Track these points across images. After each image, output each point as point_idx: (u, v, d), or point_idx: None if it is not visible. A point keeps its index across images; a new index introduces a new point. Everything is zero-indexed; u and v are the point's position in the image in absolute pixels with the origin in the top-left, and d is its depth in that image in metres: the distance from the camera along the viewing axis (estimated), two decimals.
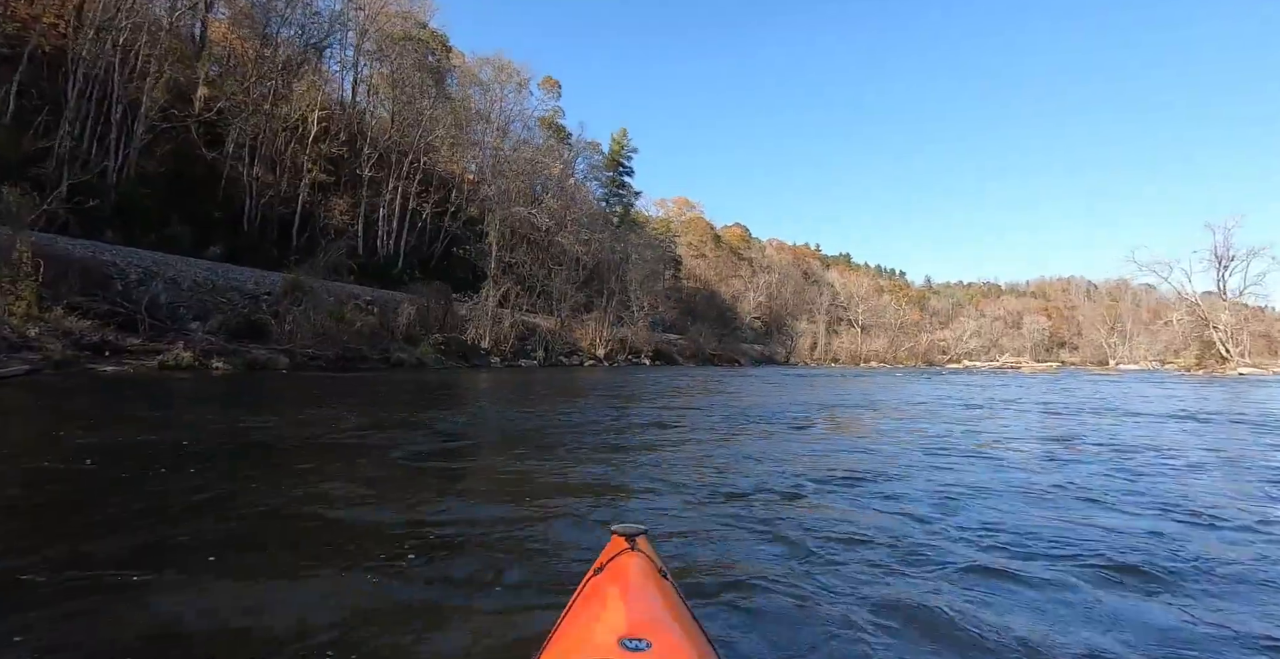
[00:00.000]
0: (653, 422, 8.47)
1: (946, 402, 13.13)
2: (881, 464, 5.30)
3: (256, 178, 29.39)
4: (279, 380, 14.84)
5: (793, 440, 6.98)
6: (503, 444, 6.44)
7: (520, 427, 7.72)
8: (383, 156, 33.77)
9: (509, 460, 5.34)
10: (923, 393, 16.29)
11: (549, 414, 9.22)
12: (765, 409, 10.59)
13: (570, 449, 5.92)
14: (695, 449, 6.10)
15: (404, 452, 5.53)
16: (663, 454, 5.77)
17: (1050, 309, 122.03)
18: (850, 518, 3.55)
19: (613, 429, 7.59)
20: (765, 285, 70.93)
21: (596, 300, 38.03)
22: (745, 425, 8.11)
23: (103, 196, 25.04)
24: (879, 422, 9.17)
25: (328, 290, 19.92)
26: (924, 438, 7.07)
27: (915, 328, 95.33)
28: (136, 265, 19.13)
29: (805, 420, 8.96)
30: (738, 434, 7.30)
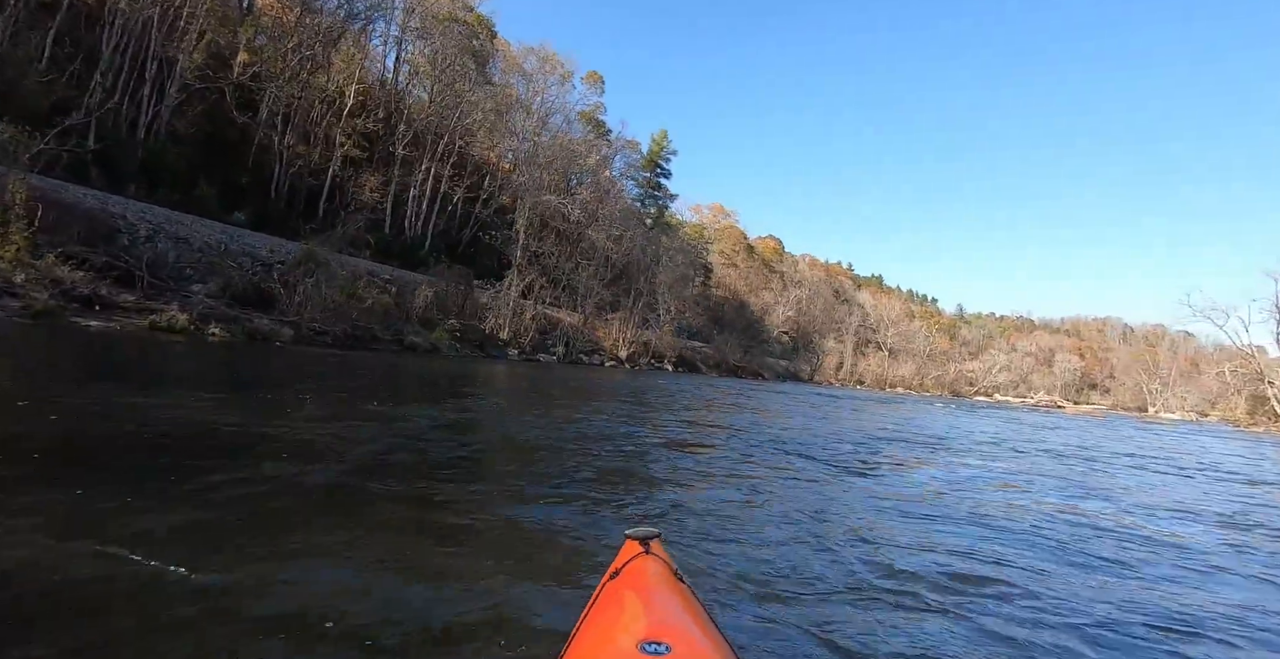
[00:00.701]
0: (680, 443, 6.99)
1: (1022, 445, 11.35)
2: (1038, 571, 3.33)
3: (289, 147, 28.48)
4: (276, 354, 13.60)
5: (866, 493, 5.35)
6: (494, 466, 4.99)
7: (523, 437, 6.28)
8: (418, 136, 32.74)
9: (498, 495, 3.88)
10: (982, 429, 14.52)
11: (561, 422, 7.78)
12: (811, 438, 9.01)
13: (580, 480, 4.45)
14: (736, 494, 4.60)
15: (356, 467, 4.09)
16: (695, 496, 4.30)
17: (1084, 348, 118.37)
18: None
19: (634, 451, 6.14)
20: (796, 300, 68.96)
21: (623, 300, 36.56)
22: (793, 461, 6.56)
23: (129, 152, 24.30)
24: (961, 470, 7.45)
25: (342, 264, 18.71)
26: (1055, 508, 5.31)
27: (944, 356, 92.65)
28: (148, 221, 18.10)
29: (868, 459, 7.31)
30: (786, 474, 5.76)
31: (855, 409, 17.53)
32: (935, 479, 5.99)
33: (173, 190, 24.50)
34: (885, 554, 3.24)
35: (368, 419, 5.95)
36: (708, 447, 6.55)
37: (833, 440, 8.46)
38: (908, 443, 9.33)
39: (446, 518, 3.15)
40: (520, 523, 3.21)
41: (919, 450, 8.50)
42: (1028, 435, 13.88)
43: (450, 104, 33.72)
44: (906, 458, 7.49)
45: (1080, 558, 3.57)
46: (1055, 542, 3.88)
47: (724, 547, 3.09)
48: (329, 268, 17.90)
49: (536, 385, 14.31)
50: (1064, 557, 3.57)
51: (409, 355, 18.69)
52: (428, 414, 6.76)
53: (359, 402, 7.23)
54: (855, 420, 13.13)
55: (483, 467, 4.55)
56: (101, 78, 23.60)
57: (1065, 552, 3.68)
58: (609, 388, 15.90)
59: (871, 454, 7.50)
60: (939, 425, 13.91)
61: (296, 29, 28.42)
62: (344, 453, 4.24)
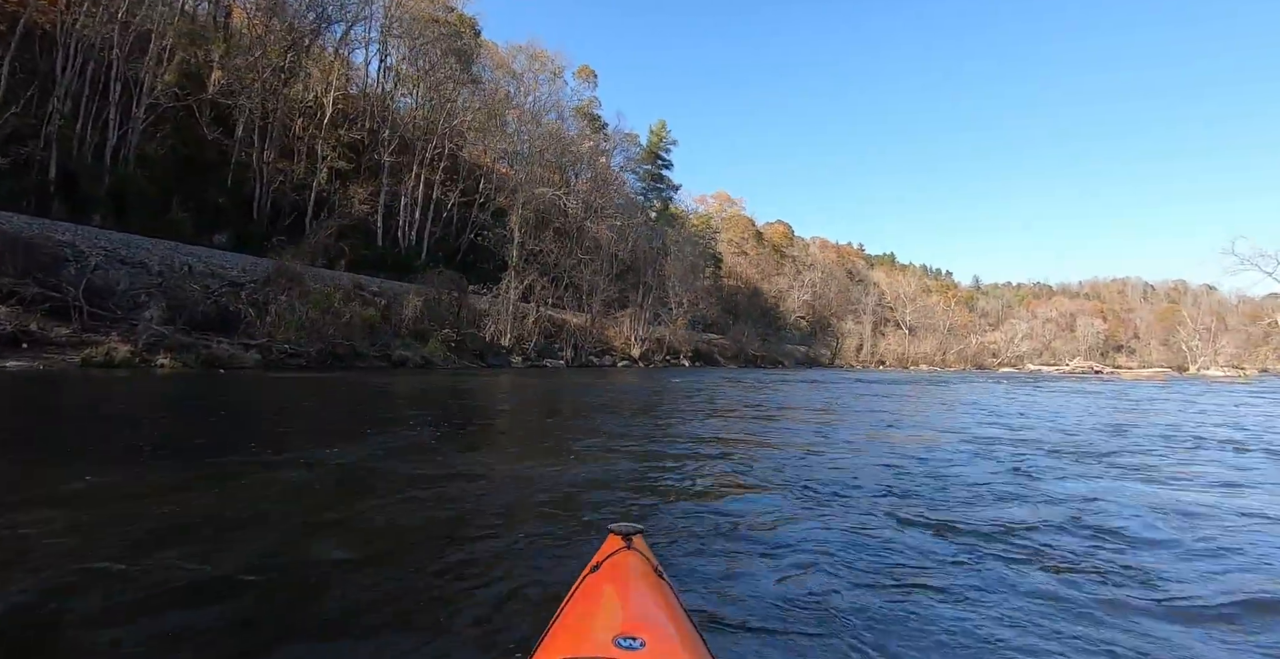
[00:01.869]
0: (725, 483, 4.74)
1: (1202, 433, 8.59)
2: None
3: (268, 163, 26.59)
4: (229, 384, 11.57)
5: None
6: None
7: (493, 504, 4.05)
8: (405, 142, 30.75)
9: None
10: (1092, 412, 11.85)
11: (560, 453, 5.57)
12: (883, 450, 6.64)
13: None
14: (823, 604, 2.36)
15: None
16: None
17: (1105, 311, 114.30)
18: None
19: (655, 502, 3.88)
20: (810, 284, 66.22)
21: (631, 296, 34.24)
22: (888, 504, 4.25)
23: (95, 179, 22.53)
24: (1123, 487, 5.07)
25: (319, 278, 16.70)
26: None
27: (964, 330, 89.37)
28: (102, 247, 16.24)
29: (990, 494, 4.86)
30: (886, 536, 3.46)
31: (907, 397, 15.06)
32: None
33: (143, 216, 22.72)
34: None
35: (226, 479, 3.81)
36: (802, 517, 4.31)
37: (949, 461, 5.99)
38: (1052, 450, 6.74)
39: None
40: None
41: (1095, 464, 5.94)
42: (1168, 415, 11.31)
43: (437, 106, 31.70)
44: (1121, 484, 5.06)
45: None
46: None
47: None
48: (303, 283, 15.86)
49: (536, 399, 12.15)
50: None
51: (397, 372, 16.64)
52: (328, 476, 4.60)
53: (285, 441, 5.12)
54: (932, 414, 10.75)
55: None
56: (59, 104, 21.82)
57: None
58: (620, 394, 13.70)
59: (1041, 480, 5.12)
60: (1037, 412, 11.39)
61: (265, 37, 26.49)
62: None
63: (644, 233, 38.56)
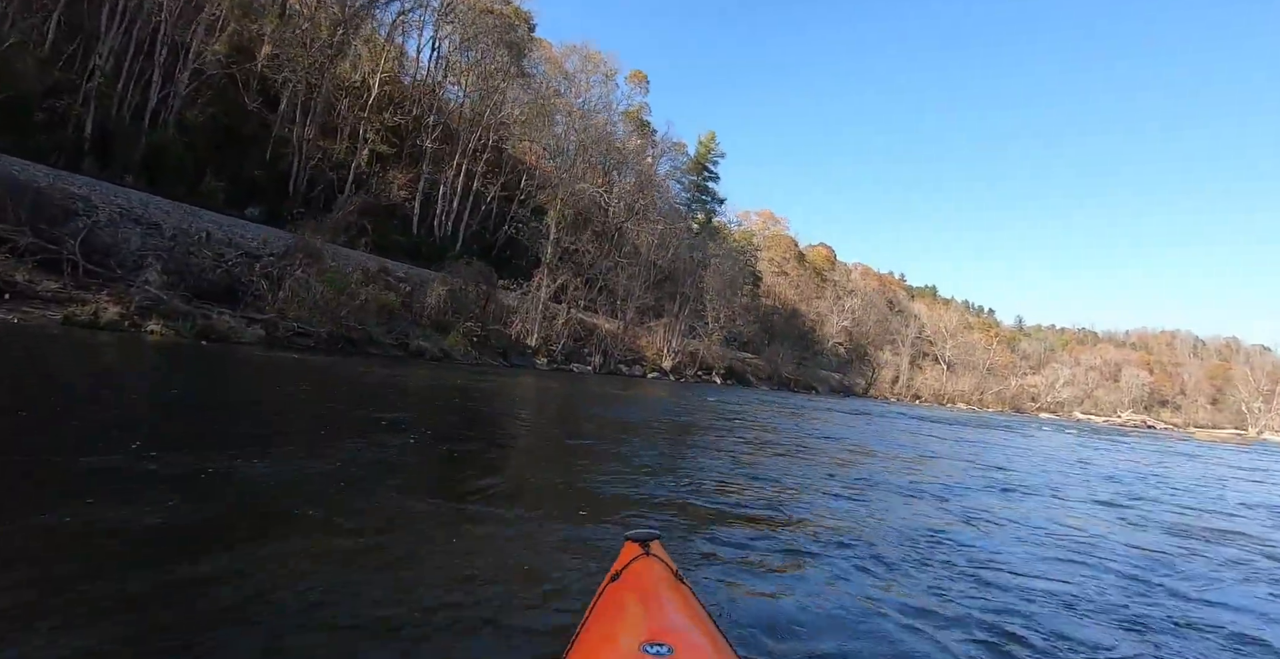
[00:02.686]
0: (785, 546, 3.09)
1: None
2: None
3: (308, 139, 25.71)
4: (216, 357, 10.22)
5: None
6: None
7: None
8: (449, 130, 29.74)
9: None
10: (1200, 476, 9.93)
11: (571, 499, 4.01)
12: (1045, 535, 4.88)
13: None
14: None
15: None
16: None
17: (1152, 363, 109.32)
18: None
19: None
20: (851, 310, 63.85)
21: (667, 305, 32.58)
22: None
23: (131, 141, 21.77)
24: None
25: (338, 256, 15.42)
26: None
27: (1004, 370, 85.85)
28: (117, 205, 15.19)
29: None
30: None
31: (992, 443, 13.12)
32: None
33: (177, 183, 21.89)
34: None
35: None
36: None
37: (1163, 564, 4.24)
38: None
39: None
40: None
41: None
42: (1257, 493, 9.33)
43: (485, 97, 30.68)
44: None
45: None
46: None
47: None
48: (321, 259, 14.59)
49: (555, 410, 10.62)
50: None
51: (413, 363, 15.23)
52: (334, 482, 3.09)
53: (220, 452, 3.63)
54: (1051, 474, 8.95)
55: None
56: (101, 60, 21.14)
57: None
58: (653, 413, 12.07)
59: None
60: (1178, 482, 9.44)
61: (317, 12, 25.74)
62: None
63: (686, 241, 36.91)
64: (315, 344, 13.86)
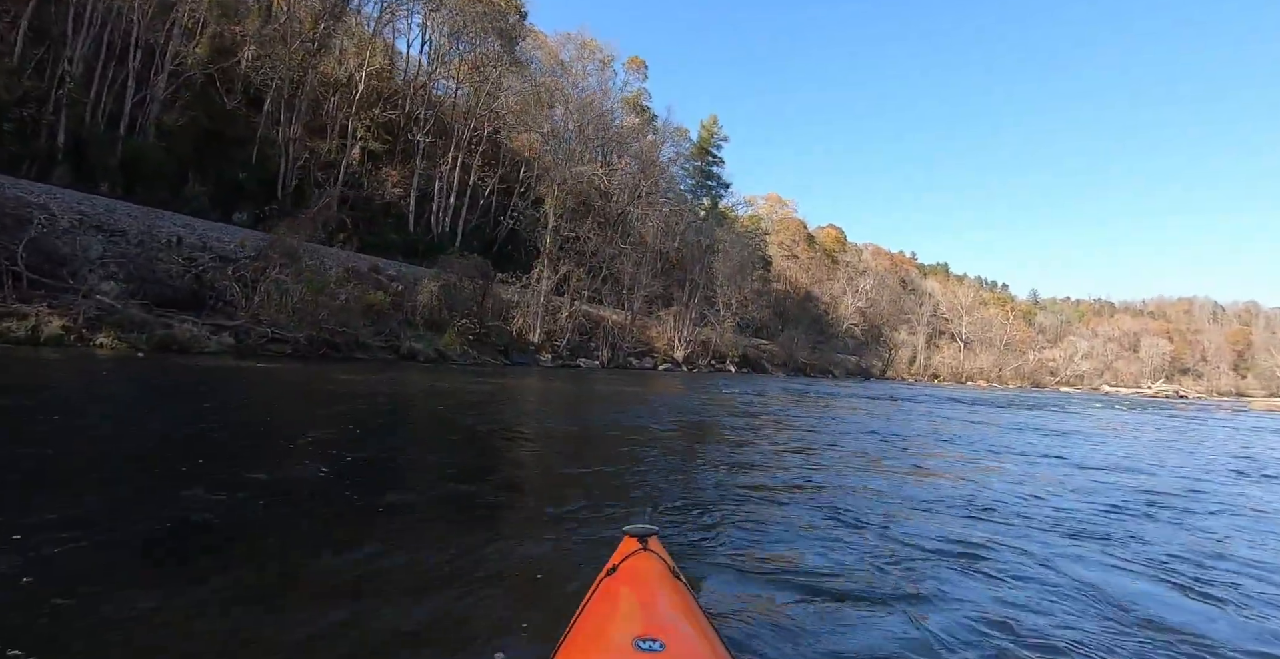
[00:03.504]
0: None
1: None
2: None
3: (294, 138, 24.45)
4: (166, 372, 8.96)
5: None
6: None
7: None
8: (442, 123, 28.38)
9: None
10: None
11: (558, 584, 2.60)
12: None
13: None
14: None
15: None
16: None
17: (1171, 331, 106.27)
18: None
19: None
20: (865, 291, 61.92)
21: (676, 293, 31.09)
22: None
23: (106, 148, 20.63)
24: None
25: (317, 255, 14.13)
26: None
27: (1021, 345, 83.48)
28: (80, 212, 14.03)
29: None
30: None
31: (1046, 428, 11.54)
32: None
33: (157, 189, 20.76)
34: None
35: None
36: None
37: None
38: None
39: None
40: None
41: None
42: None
43: (478, 87, 29.26)
44: None
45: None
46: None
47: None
48: (298, 259, 13.30)
49: (555, 419, 9.25)
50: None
51: (403, 367, 13.96)
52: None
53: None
54: (1139, 456, 7.49)
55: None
56: (69, 66, 19.96)
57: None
58: (669, 412, 10.68)
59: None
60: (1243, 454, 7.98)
61: (295, 5, 24.40)
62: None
63: (693, 226, 35.28)
64: (293, 350, 12.61)
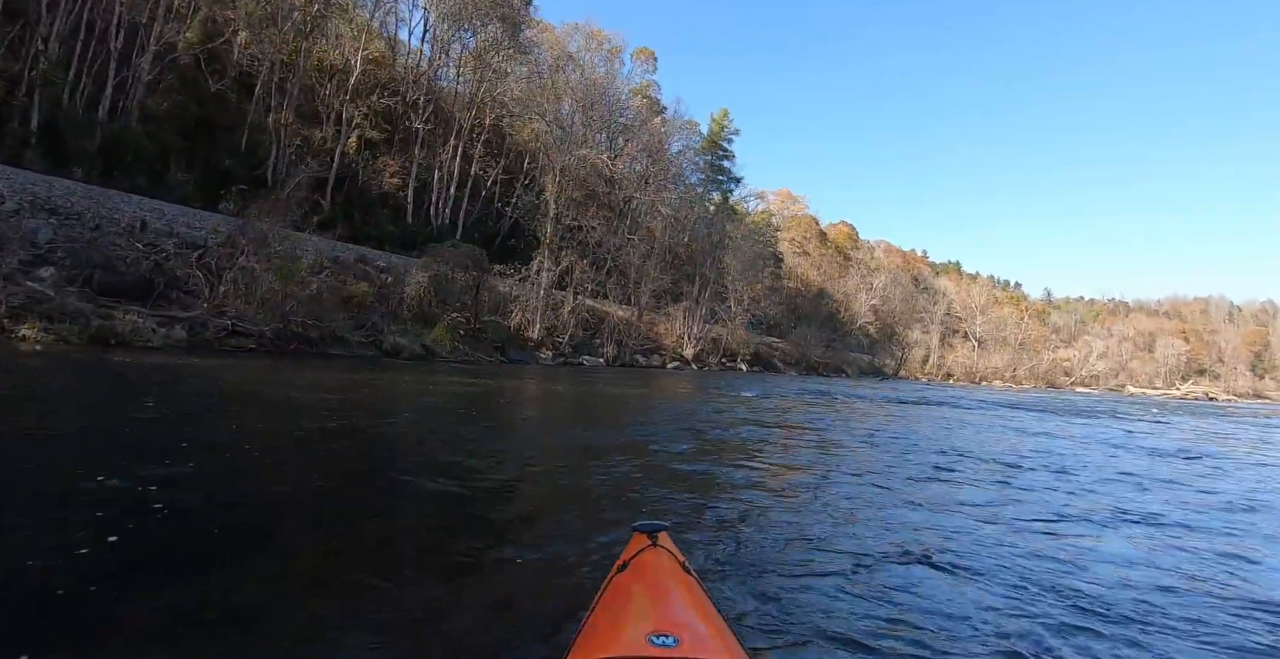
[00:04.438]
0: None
1: None
2: None
3: (286, 125, 23.08)
4: (80, 369, 7.52)
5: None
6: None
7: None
8: (442, 110, 26.92)
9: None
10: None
11: None
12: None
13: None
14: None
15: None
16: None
17: (1187, 331, 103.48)
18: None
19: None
20: (879, 288, 59.99)
21: (686, 288, 29.44)
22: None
23: (84, 133, 19.31)
24: None
25: (293, 241, 12.67)
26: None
27: (1036, 345, 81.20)
28: (33, 194, 12.67)
29: None
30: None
31: (1137, 448, 9.83)
32: None
33: (138, 176, 19.44)
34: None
35: None
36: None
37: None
38: None
39: None
40: None
41: None
42: None
43: (479, 72, 27.77)
44: None
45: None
46: None
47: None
48: (268, 245, 11.85)
49: (546, 434, 7.74)
50: None
51: (384, 364, 12.50)
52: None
53: None
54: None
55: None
56: (44, 45, 18.65)
57: None
58: (683, 420, 9.16)
59: None
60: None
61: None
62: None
63: (703, 219, 33.55)
64: (258, 345, 11.16)
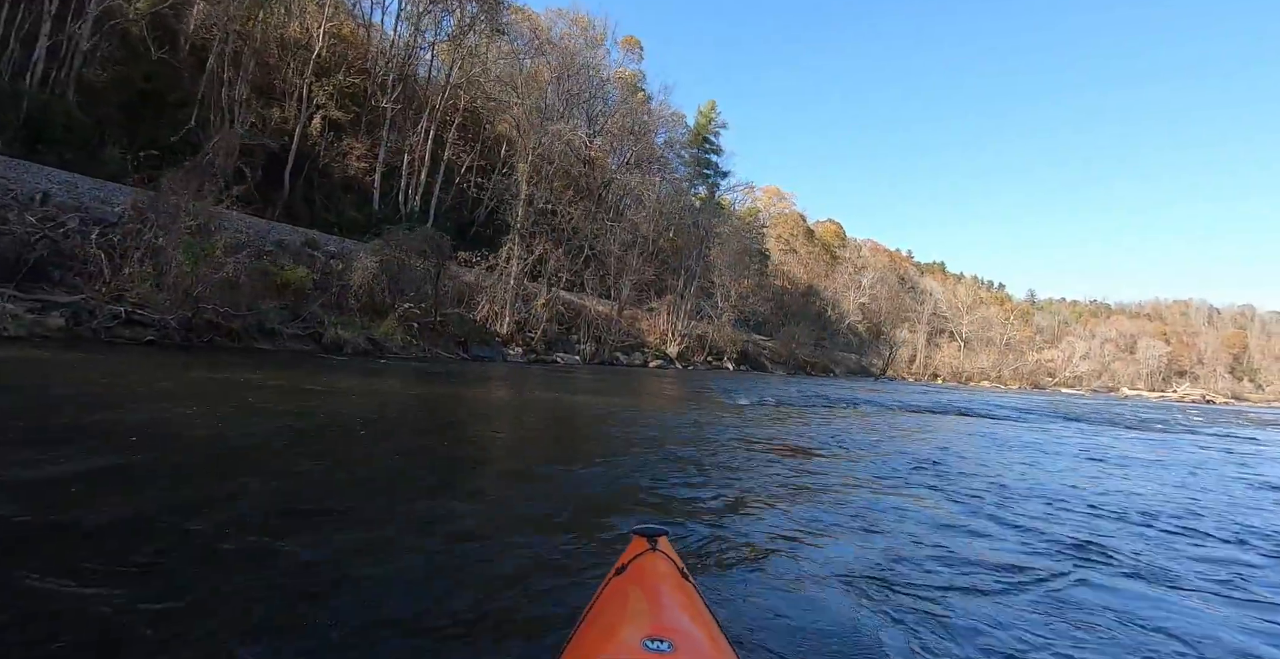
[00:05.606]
0: None
1: None
2: None
3: (240, 102, 21.12)
4: None
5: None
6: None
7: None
8: (412, 89, 25.03)
9: None
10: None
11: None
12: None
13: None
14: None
15: None
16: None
17: (1168, 333, 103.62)
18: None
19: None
20: (869, 286, 58.67)
21: (670, 282, 27.70)
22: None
23: (7, 102, 17.28)
24: None
25: (211, 217, 10.83)
26: None
27: (1021, 345, 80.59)
28: None
29: None
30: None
31: (1121, 455, 8.34)
32: None
33: (68, 151, 17.45)
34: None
35: None
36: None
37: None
38: None
39: None
40: None
41: None
42: None
43: (452, 50, 25.88)
44: None
45: None
46: None
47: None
48: (176, 220, 10.01)
49: (476, 467, 6.02)
50: None
51: (317, 362, 10.70)
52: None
53: None
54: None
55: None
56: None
57: None
58: (655, 437, 7.51)
59: None
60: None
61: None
62: None
63: (689, 210, 31.83)
64: (159, 336, 9.33)
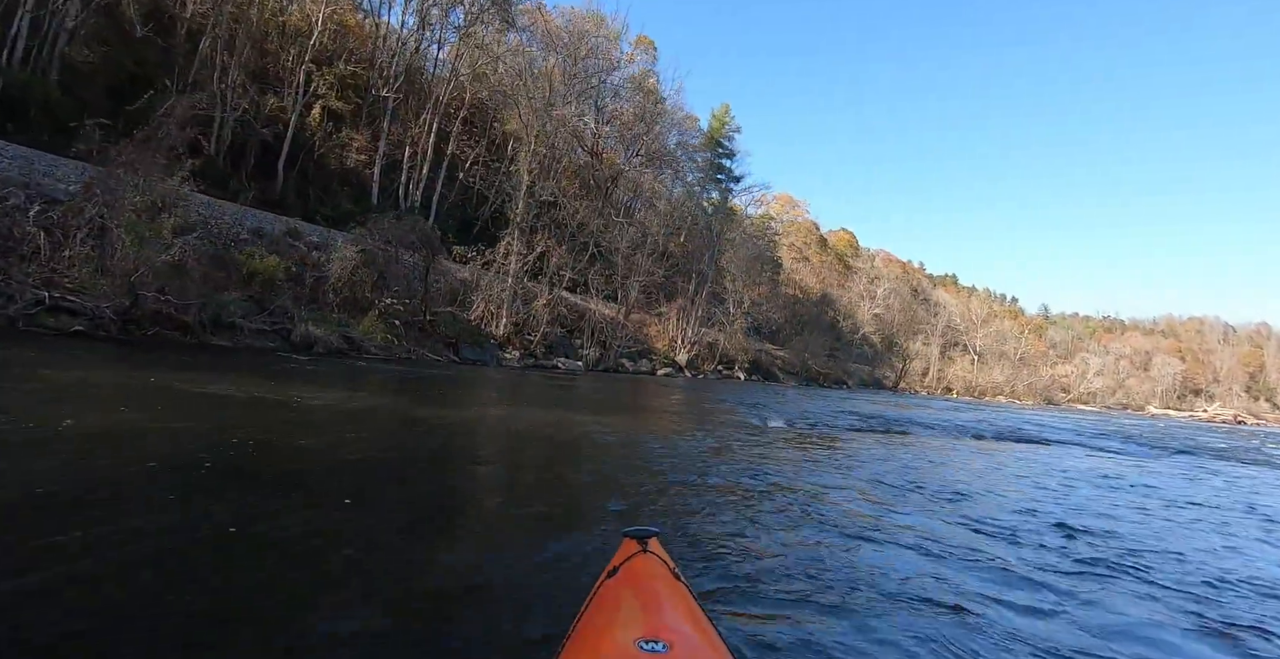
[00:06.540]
0: None
1: None
2: None
3: (232, 87, 19.97)
4: None
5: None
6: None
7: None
8: (415, 79, 23.84)
9: None
10: None
11: None
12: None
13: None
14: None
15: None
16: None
17: (1183, 350, 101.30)
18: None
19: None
20: (882, 297, 57.05)
21: (681, 285, 26.22)
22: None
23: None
24: None
25: (157, 192, 9.53)
26: None
27: (1035, 360, 78.58)
28: None
29: None
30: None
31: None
32: None
33: (41, 132, 16.29)
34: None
35: None
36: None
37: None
38: None
39: None
40: None
41: None
42: None
43: (460, 41, 24.70)
44: None
45: None
46: None
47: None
48: (121, 198, 8.72)
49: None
50: None
51: (278, 362, 9.34)
52: None
53: None
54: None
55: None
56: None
57: None
58: (664, 480, 6.07)
59: None
60: None
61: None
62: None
63: (701, 212, 30.42)
64: (94, 327, 8.00)
